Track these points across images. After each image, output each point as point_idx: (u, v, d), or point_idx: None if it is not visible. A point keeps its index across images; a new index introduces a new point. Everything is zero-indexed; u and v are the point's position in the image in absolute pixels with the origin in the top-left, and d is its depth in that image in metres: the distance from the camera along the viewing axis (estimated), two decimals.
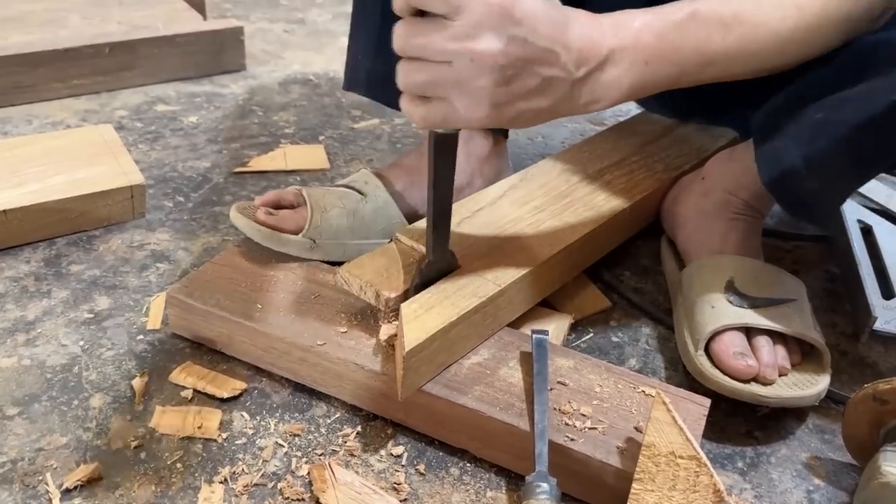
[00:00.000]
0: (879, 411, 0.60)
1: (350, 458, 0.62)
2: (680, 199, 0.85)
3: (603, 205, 0.80)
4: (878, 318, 0.79)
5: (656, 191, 0.86)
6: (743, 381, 0.67)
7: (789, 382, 0.67)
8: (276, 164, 1.05)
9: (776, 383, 0.67)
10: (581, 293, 0.82)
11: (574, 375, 0.65)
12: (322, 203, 0.78)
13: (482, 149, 0.88)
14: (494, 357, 0.66)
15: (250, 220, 0.75)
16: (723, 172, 0.82)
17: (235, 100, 1.25)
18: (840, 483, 0.64)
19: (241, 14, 1.65)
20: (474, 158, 0.87)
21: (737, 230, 0.79)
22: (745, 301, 0.70)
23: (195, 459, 0.61)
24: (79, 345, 0.71)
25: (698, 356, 0.69)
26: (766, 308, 0.70)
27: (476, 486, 0.61)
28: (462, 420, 0.61)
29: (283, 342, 0.66)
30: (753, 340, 0.69)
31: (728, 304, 0.70)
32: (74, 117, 1.14)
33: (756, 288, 0.72)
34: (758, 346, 0.68)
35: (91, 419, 0.64)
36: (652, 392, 0.63)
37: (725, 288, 0.72)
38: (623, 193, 0.83)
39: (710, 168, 0.84)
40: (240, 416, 0.65)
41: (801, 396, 0.66)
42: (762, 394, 0.66)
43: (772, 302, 0.70)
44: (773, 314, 0.69)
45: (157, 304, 0.77)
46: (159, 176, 1.00)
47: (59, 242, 0.85)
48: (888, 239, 0.94)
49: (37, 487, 0.58)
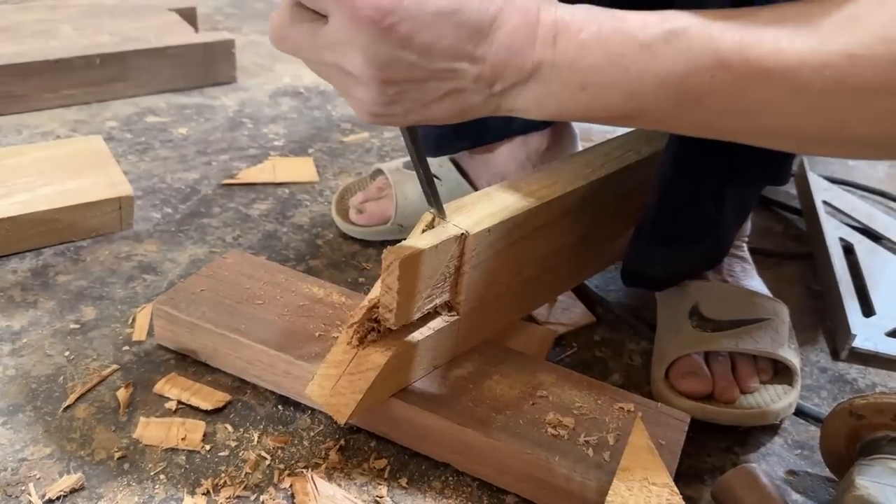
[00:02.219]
0: (856, 426, 0.61)
1: (333, 470, 0.62)
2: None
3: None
4: (857, 336, 0.81)
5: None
6: (696, 399, 0.68)
7: (752, 401, 0.69)
8: (265, 177, 1.06)
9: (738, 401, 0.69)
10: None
11: (555, 390, 0.65)
12: (404, 189, 0.91)
13: (539, 144, 0.90)
14: (478, 371, 0.66)
15: (346, 222, 0.92)
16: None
17: (225, 112, 1.25)
18: (818, 497, 0.65)
19: (233, 26, 1.66)
20: (533, 153, 0.90)
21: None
22: (709, 325, 0.72)
23: (178, 471, 0.61)
24: (64, 355, 0.72)
25: (658, 381, 0.71)
26: (731, 330, 0.71)
27: (458, 500, 0.61)
28: (444, 434, 0.62)
29: (268, 355, 0.67)
30: (711, 362, 0.71)
31: (692, 329, 0.72)
32: (64, 128, 1.15)
33: (722, 311, 0.73)
34: (714, 367, 0.71)
35: (75, 430, 0.64)
36: (631, 407, 0.64)
37: (690, 313, 0.74)
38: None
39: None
40: (223, 427, 0.65)
41: (752, 414, 0.68)
42: (710, 410, 0.68)
43: (739, 323, 0.72)
44: (738, 335, 0.71)
45: (143, 316, 0.77)
46: (148, 187, 1.01)
47: (47, 253, 0.86)
48: (868, 257, 0.95)
49: (19, 497, 0.58)
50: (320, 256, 0.90)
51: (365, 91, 0.46)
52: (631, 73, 0.46)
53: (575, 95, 0.47)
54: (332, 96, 1.36)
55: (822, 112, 0.44)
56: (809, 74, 0.43)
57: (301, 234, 0.94)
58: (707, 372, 0.70)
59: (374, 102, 0.46)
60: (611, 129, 1.33)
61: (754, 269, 0.83)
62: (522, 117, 0.50)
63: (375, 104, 0.46)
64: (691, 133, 0.50)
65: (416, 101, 0.47)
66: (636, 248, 0.75)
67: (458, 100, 0.48)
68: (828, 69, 0.42)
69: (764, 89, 0.44)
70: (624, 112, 0.48)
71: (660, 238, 0.73)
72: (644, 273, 0.77)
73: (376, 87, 0.45)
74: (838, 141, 0.46)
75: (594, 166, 0.73)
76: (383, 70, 0.44)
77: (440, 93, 0.47)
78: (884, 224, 1.05)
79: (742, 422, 0.68)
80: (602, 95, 0.47)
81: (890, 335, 0.83)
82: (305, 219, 0.97)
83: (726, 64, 0.44)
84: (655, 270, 0.76)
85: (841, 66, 0.42)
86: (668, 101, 0.46)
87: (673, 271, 0.77)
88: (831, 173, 1.22)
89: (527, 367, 0.67)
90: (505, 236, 0.63)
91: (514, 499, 0.62)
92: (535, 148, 0.91)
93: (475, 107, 0.48)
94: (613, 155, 0.75)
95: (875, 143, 0.45)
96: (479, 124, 0.87)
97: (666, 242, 0.73)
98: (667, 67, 0.45)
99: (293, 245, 0.92)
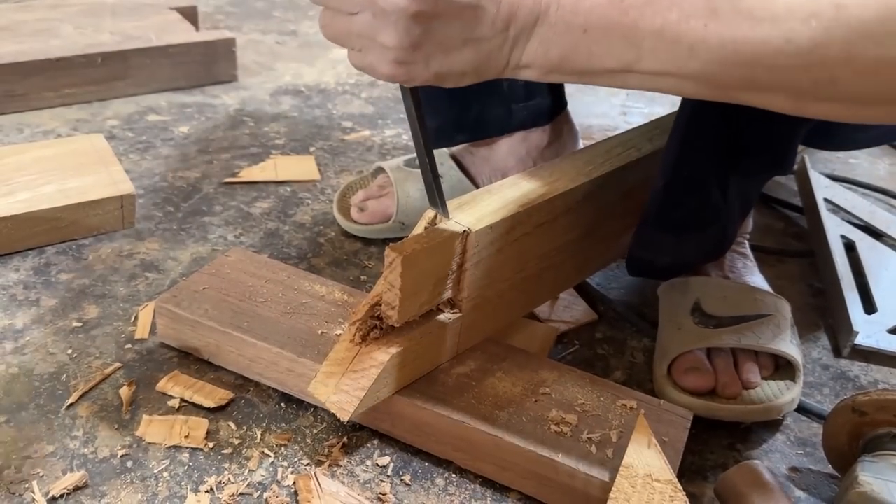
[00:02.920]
0: (858, 423, 0.61)
1: (336, 468, 0.62)
2: None
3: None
4: (859, 333, 0.81)
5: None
6: (699, 395, 0.68)
7: (754, 396, 0.69)
8: (267, 175, 1.06)
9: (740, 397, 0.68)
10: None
11: (557, 387, 0.65)
12: (405, 187, 0.91)
13: (540, 139, 0.90)
14: (480, 368, 0.66)
15: (348, 220, 0.92)
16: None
17: (227, 110, 1.25)
18: (821, 494, 0.65)
19: (234, 25, 1.66)
20: (534, 149, 0.90)
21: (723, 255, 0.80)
22: (711, 321, 0.72)
23: (181, 468, 0.61)
24: (67, 353, 0.72)
25: (661, 378, 0.71)
26: (733, 326, 0.71)
27: (461, 497, 0.61)
28: (447, 431, 0.62)
29: (270, 352, 0.67)
30: (714, 357, 0.71)
31: (694, 325, 0.72)
32: (66, 126, 1.15)
33: (724, 307, 0.73)
34: (717, 363, 0.70)
35: (78, 428, 0.64)
36: (633, 404, 0.64)
37: (692, 310, 0.74)
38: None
39: None
40: (226, 425, 0.65)
41: (753, 410, 0.68)
42: (713, 406, 0.68)
43: (741, 319, 0.72)
44: (740, 331, 0.71)
45: (146, 314, 0.77)
46: (149, 186, 1.01)
47: (49, 251, 0.86)
48: (870, 254, 0.95)
49: (23, 495, 0.58)
50: (322, 254, 0.90)
51: (392, 32, 0.48)
52: (628, 17, 0.47)
53: (577, 39, 0.49)
54: (333, 95, 1.36)
55: (811, 65, 0.44)
56: (798, 25, 0.43)
57: (303, 233, 0.94)
58: (709, 367, 0.70)
59: (399, 46, 0.49)
60: (612, 126, 1.33)
61: (756, 265, 0.83)
62: (527, 78, 0.52)
63: (401, 47, 0.49)
64: (687, 91, 0.50)
65: (439, 46, 0.49)
66: (641, 235, 0.75)
67: (477, 49, 0.50)
68: (815, 19, 0.42)
69: (754, 39, 0.44)
70: (623, 62, 0.49)
71: (665, 224, 0.73)
72: (650, 262, 0.77)
73: (404, 24, 0.48)
74: (831, 97, 0.46)
75: (596, 163, 0.73)
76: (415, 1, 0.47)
77: (461, 38, 0.49)
78: (885, 221, 1.05)
79: (745, 417, 0.68)
80: (602, 39, 0.48)
81: (892, 332, 0.83)
82: (307, 217, 0.97)
83: (718, 12, 0.45)
84: (661, 259, 0.76)
85: (828, 15, 0.42)
86: (663, 50, 0.47)
87: (678, 260, 0.76)
88: (832, 171, 1.22)
89: (529, 365, 0.67)
90: (507, 233, 0.63)
91: (517, 496, 0.62)
92: (536, 144, 0.91)
93: (491, 57, 0.51)
94: (615, 152, 0.75)
95: (867, 99, 0.45)
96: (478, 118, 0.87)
97: (671, 229, 0.73)
98: (662, 14, 0.46)
99: (295, 243, 0.92)
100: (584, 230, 0.74)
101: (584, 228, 0.74)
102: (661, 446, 0.59)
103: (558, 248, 0.72)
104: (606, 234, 0.79)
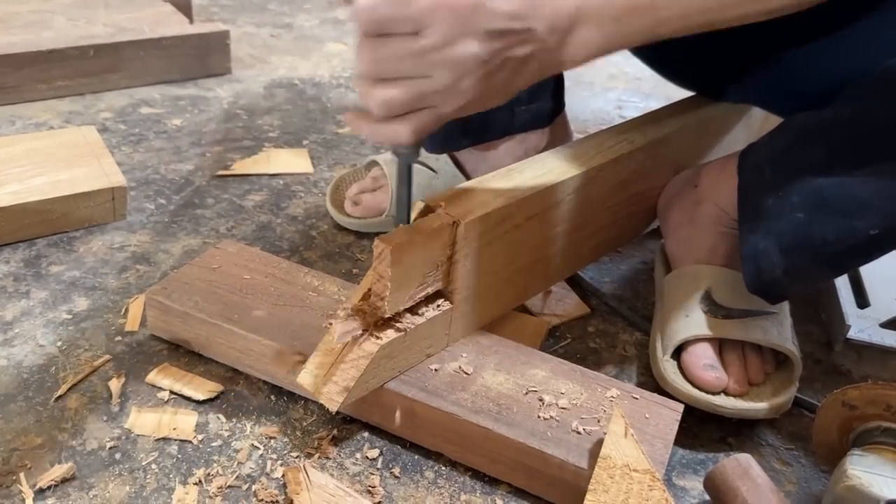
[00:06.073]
0: (848, 416, 0.61)
1: (325, 460, 0.62)
2: (674, 202, 0.85)
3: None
4: (851, 327, 0.80)
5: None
6: (711, 392, 0.68)
7: (753, 394, 0.68)
8: (260, 168, 1.05)
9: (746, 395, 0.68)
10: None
11: (548, 380, 0.65)
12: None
13: (538, 141, 0.91)
14: (471, 360, 0.66)
15: (341, 213, 0.92)
16: (714, 185, 0.82)
17: (220, 103, 1.25)
18: (811, 487, 0.65)
19: (228, 18, 1.65)
20: (532, 150, 0.90)
21: (725, 244, 0.80)
22: (720, 311, 0.71)
23: (170, 461, 0.61)
24: (56, 345, 0.71)
25: (664, 361, 0.70)
26: (741, 319, 0.71)
27: (451, 490, 0.61)
28: (438, 423, 0.62)
29: (260, 344, 0.66)
30: (725, 353, 0.70)
31: (702, 314, 0.71)
32: (58, 118, 1.14)
33: (733, 299, 0.72)
34: (728, 359, 0.70)
35: (67, 420, 0.64)
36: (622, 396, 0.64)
37: (702, 298, 0.73)
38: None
39: (704, 177, 0.83)
40: (216, 418, 0.65)
41: (758, 409, 0.67)
42: (719, 403, 0.67)
43: (748, 313, 0.71)
44: (748, 325, 0.70)
45: (136, 306, 0.77)
46: (142, 178, 1.00)
47: (40, 243, 0.85)
48: None
49: (10, 487, 0.57)
50: (314, 247, 0.90)
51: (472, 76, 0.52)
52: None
53: (611, 28, 0.55)
54: (328, 88, 1.36)
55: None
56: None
57: (295, 226, 0.94)
58: (722, 367, 0.69)
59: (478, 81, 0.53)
60: (608, 121, 1.33)
61: None
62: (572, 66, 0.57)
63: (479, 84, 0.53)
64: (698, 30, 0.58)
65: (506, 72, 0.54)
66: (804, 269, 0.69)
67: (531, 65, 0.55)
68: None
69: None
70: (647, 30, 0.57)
71: (831, 263, 0.68)
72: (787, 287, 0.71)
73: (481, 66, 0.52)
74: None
75: (587, 156, 0.72)
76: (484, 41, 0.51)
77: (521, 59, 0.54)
78: None
79: (750, 416, 0.68)
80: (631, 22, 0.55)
81: (884, 326, 0.83)
82: (300, 210, 0.97)
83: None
84: (794, 288, 0.71)
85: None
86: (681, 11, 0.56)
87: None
88: None
89: (520, 358, 0.67)
90: (497, 225, 0.63)
91: (506, 488, 0.62)
92: (534, 145, 0.91)
93: (541, 69, 0.56)
94: (606, 145, 0.75)
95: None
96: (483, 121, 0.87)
97: (834, 266, 0.70)
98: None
99: (287, 236, 0.92)
100: (576, 222, 0.74)
101: (575, 221, 0.73)
102: (651, 439, 0.59)
103: (549, 240, 0.71)
104: (598, 226, 0.79)
